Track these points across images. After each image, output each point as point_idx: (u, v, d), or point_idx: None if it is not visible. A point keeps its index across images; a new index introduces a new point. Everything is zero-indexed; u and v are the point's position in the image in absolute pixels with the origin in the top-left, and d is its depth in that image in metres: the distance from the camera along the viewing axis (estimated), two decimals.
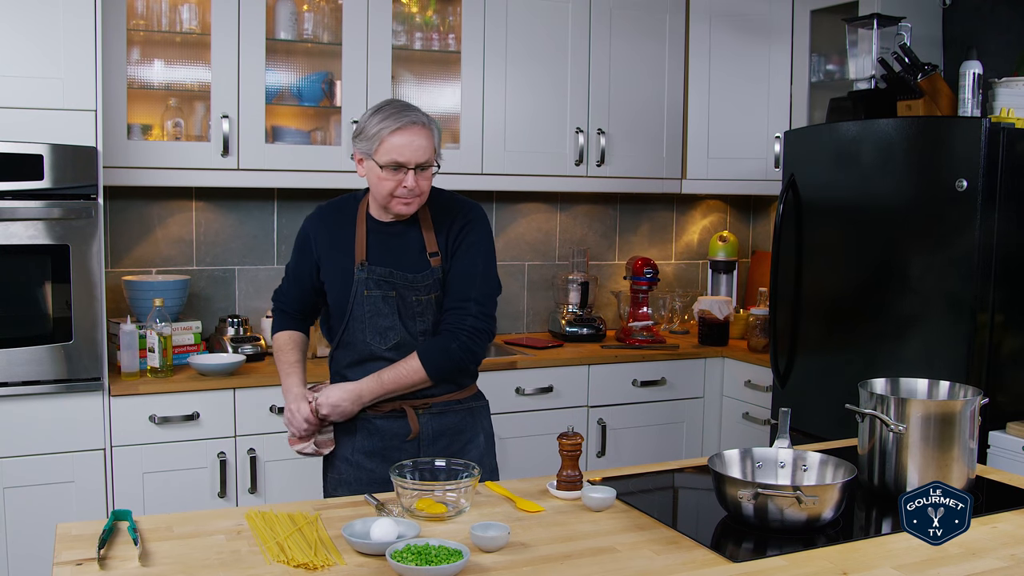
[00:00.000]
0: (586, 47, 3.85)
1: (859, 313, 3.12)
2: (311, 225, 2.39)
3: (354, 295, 2.27)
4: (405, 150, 2.15)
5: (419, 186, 2.19)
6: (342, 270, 2.29)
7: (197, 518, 1.78)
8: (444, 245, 2.29)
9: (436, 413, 2.30)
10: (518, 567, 1.56)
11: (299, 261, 2.41)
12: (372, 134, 2.18)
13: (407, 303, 2.27)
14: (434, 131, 2.23)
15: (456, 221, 2.30)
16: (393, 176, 2.17)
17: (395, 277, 2.26)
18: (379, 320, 2.26)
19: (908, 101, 3.28)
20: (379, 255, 2.28)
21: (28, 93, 2.84)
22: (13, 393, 2.84)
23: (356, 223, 2.32)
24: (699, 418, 3.92)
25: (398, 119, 2.17)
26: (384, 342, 2.27)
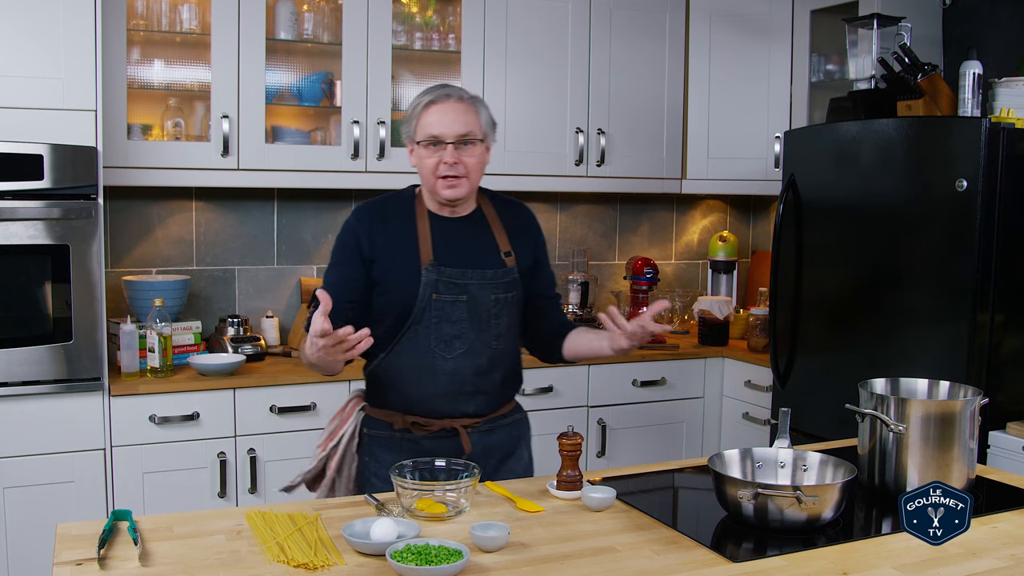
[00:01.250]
0: (586, 47, 3.85)
1: (859, 313, 3.12)
2: (359, 226, 2.17)
3: (421, 299, 2.09)
4: (440, 124, 2.06)
5: (463, 163, 2.07)
6: (406, 272, 2.10)
7: (197, 518, 1.77)
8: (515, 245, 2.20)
9: (485, 431, 2.19)
10: (518, 567, 1.56)
11: (345, 269, 2.15)
12: (410, 114, 2.10)
13: (480, 305, 2.12)
14: (479, 108, 2.12)
15: (519, 219, 2.24)
16: (432, 154, 2.07)
17: (468, 277, 2.11)
18: (446, 327, 2.10)
19: (908, 101, 3.29)
20: (448, 254, 2.12)
21: (28, 93, 2.84)
22: (13, 393, 2.84)
23: (416, 219, 2.15)
24: (699, 418, 3.92)
25: (433, 93, 2.08)
26: (450, 350, 2.11)
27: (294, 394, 3.20)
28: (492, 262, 2.15)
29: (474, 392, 2.16)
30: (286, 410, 3.18)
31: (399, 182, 3.56)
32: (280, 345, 3.61)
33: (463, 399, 2.15)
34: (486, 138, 2.13)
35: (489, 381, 2.17)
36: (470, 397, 2.15)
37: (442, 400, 2.14)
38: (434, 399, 2.14)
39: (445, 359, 2.11)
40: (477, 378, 2.15)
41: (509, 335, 2.19)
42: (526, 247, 2.24)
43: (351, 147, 3.48)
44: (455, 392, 2.14)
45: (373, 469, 2.18)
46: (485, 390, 2.17)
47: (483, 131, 2.12)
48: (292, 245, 3.78)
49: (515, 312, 2.20)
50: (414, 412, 2.15)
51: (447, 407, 2.15)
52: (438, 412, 2.15)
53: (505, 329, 2.17)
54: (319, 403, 3.23)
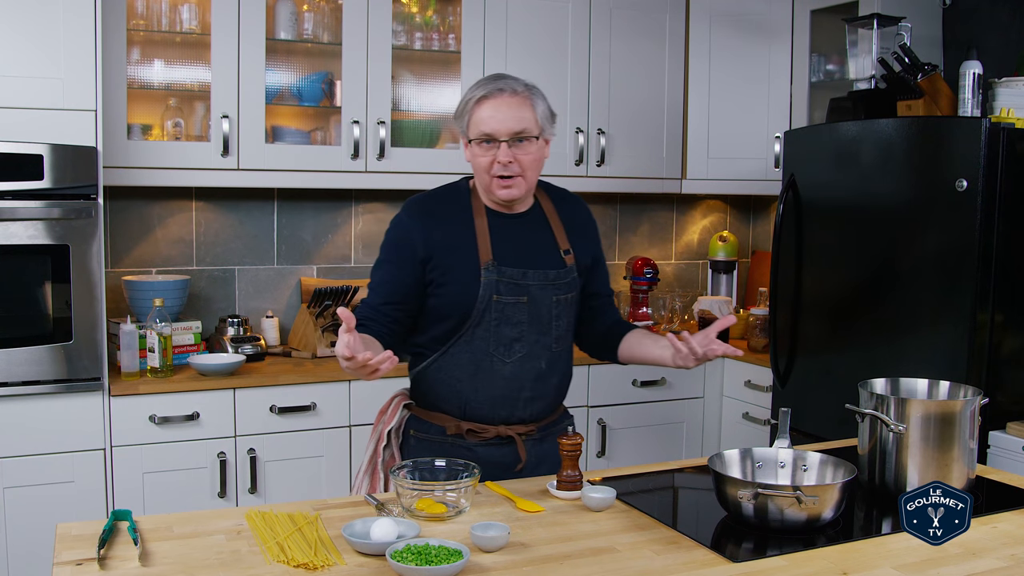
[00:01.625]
0: (586, 47, 3.85)
1: (859, 313, 3.12)
2: (412, 222, 2.04)
3: (481, 300, 2.00)
4: (493, 120, 1.94)
5: (519, 161, 1.97)
6: (464, 272, 2.00)
7: (197, 518, 1.77)
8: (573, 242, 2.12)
9: (538, 439, 2.12)
10: (518, 567, 1.56)
11: (395, 267, 2.03)
12: (462, 109, 1.99)
13: (540, 307, 2.03)
14: (536, 100, 1.99)
15: (577, 215, 2.16)
16: (486, 152, 1.96)
17: (529, 278, 2.02)
18: (506, 330, 2.02)
19: (908, 101, 3.29)
20: (508, 253, 2.02)
21: (28, 93, 2.84)
22: (13, 393, 2.84)
23: (474, 215, 2.04)
24: (699, 418, 3.92)
25: (485, 86, 1.97)
26: (509, 354, 2.03)
27: (294, 394, 3.20)
28: (552, 261, 2.07)
29: (531, 397, 2.08)
30: (286, 410, 3.18)
31: (399, 182, 3.57)
32: (280, 345, 3.61)
33: (520, 404, 2.08)
34: (543, 132, 2.02)
35: (547, 385, 2.10)
36: (528, 402, 2.08)
37: (499, 405, 2.07)
38: (490, 404, 2.06)
39: (504, 363, 2.04)
40: (536, 383, 2.08)
41: (567, 337, 2.12)
42: (585, 244, 2.17)
43: (351, 147, 3.47)
44: (513, 397, 2.07)
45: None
46: (542, 395, 2.10)
47: (539, 126, 2.00)
48: (292, 245, 3.78)
49: (573, 313, 2.13)
50: (468, 417, 2.07)
51: (504, 413, 2.07)
52: (494, 418, 2.07)
53: (564, 331, 2.10)
54: (319, 403, 3.23)
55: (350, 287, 3.55)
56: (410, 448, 2.13)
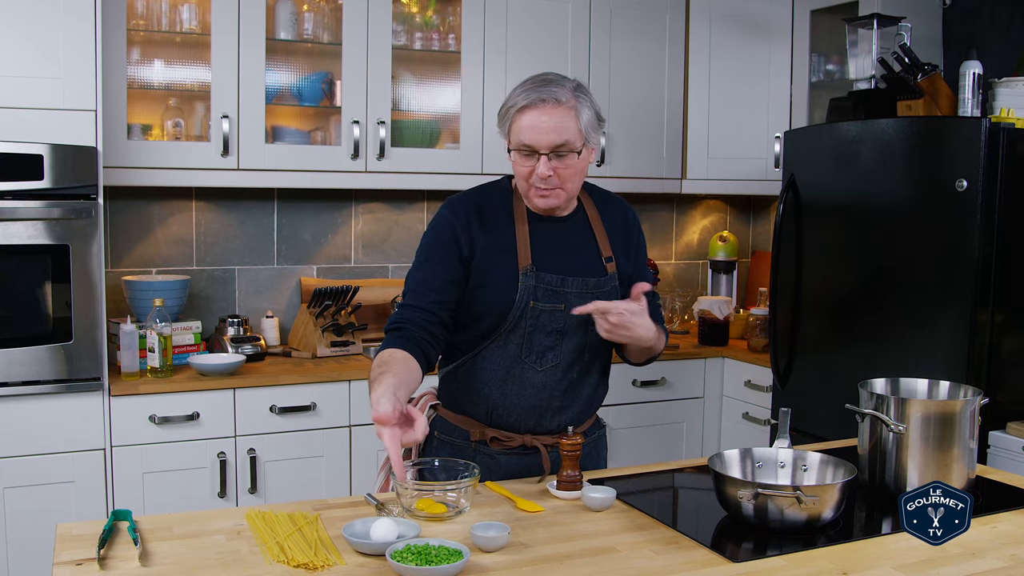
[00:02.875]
0: (586, 47, 3.85)
1: (859, 313, 3.12)
2: (456, 217, 1.97)
3: (518, 306, 1.93)
4: (532, 131, 1.86)
5: (557, 175, 1.89)
6: (503, 275, 1.94)
7: (197, 518, 1.77)
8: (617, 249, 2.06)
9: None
10: (518, 567, 1.56)
11: (440, 266, 1.95)
12: (504, 113, 1.90)
13: (578, 315, 1.93)
14: (581, 107, 1.90)
15: (622, 220, 2.09)
16: (525, 162, 1.89)
17: (568, 286, 1.95)
18: (540, 337, 1.96)
19: (908, 101, 3.29)
20: (547, 258, 1.96)
21: (28, 93, 2.84)
22: (13, 393, 2.84)
23: (515, 218, 1.98)
24: (699, 418, 3.92)
25: (529, 95, 1.87)
26: (541, 362, 1.97)
27: (294, 394, 3.20)
28: (593, 269, 2.01)
29: (561, 407, 2.02)
30: (286, 410, 3.18)
31: (399, 182, 3.57)
32: (280, 345, 3.61)
33: (550, 414, 2.02)
34: (587, 142, 1.92)
35: (578, 396, 2.04)
36: (557, 412, 2.02)
37: (528, 414, 2.01)
38: (519, 412, 2.00)
39: (536, 371, 1.98)
40: (566, 393, 2.02)
41: (604, 347, 2.04)
42: (628, 251, 2.10)
43: (351, 147, 3.47)
44: (542, 406, 2.01)
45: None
46: (573, 405, 2.04)
47: (583, 137, 1.91)
48: (292, 245, 3.78)
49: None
50: (494, 424, 2.02)
51: (531, 422, 2.01)
52: (521, 427, 2.02)
53: (601, 341, 1.98)
54: (319, 403, 3.23)
55: (350, 287, 3.55)
56: (432, 450, 2.08)
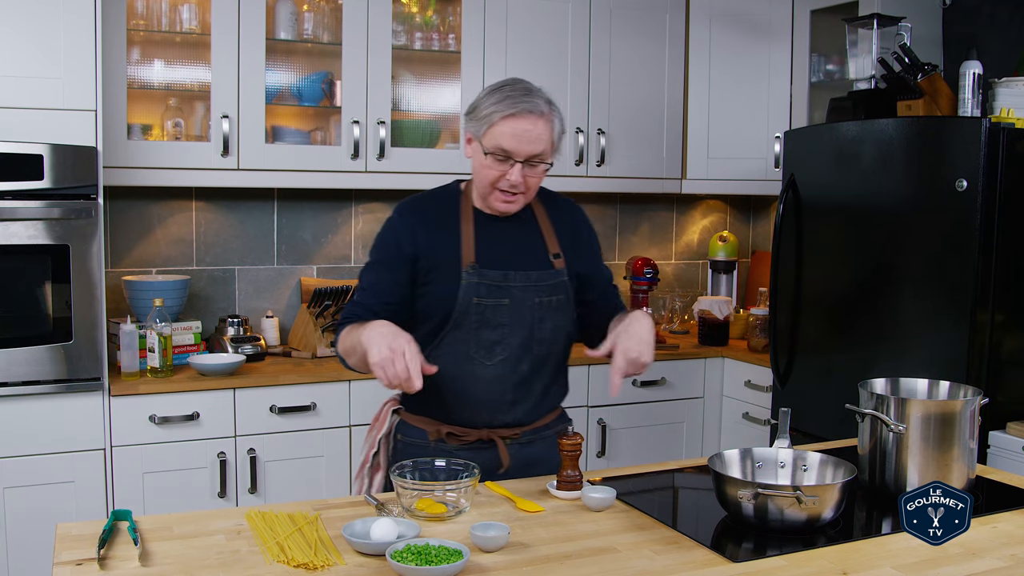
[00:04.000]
0: (586, 47, 3.85)
1: (859, 313, 3.12)
2: (404, 221, 2.05)
3: (461, 303, 1.99)
4: (514, 139, 1.92)
5: (526, 183, 1.96)
6: (447, 274, 2.00)
7: (197, 518, 1.77)
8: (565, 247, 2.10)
9: (525, 443, 2.10)
10: (518, 567, 1.56)
11: (387, 269, 2.04)
12: (484, 115, 1.94)
13: (523, 309, 2.01)
14: (555, 123, 1.98)
15: (568, 219, 2.14)
16: (497, 166, 1.95)
17: (511, 280, 2.01)
18: (487, 332, 2.01)
19: (908, 101, 3.29)
20: (491, 255, 2.02)
21: (28, 93, 2.84)
22: (13, 393, 2.84)
23: (461, 218, 2.04)
24: (699, 418, 3.92)
25: (515, 103, 1.92)
26: (490, 357, 2.02)
27: (294, 394, 3.20)
28: (537, 263, 2.06)
29: (514, 401, 2.06)
30: (286, 410, 3.18)
31: (400, 182, 3.57)
32: (280, 345, 3.61)
33: (503, 408, 2.06)
34: (553, 155, 2.02)
35: (530, 390, 2.08)
36: (510, 407, 2.06)
37: (481, 408, 2.05)
38: (472, 408, 2.05)
39: (485, 366, 2.02)
40: (518, 387, 2.06)
41: (554, 341, 2.08)
42: (578, 249, 2.15)
43: (351, 147, 3.48)
44: (495, 400, 2.05)
45: None
46: (526, 399, 2.08)
47: (554, 148, 2.00)
48: (292, 245, 3.78)
49: (562, 316, 2.08)
50: (451, 421, 2.07)
51: (486, 416, 2.06)
52: (475, 421, 2.06)
53: (549, 334, 2.05)
54: (319, 403, 3.23)
55: (350, 287, 3.55)
56: (397, 452, 2.13)
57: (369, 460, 2.15)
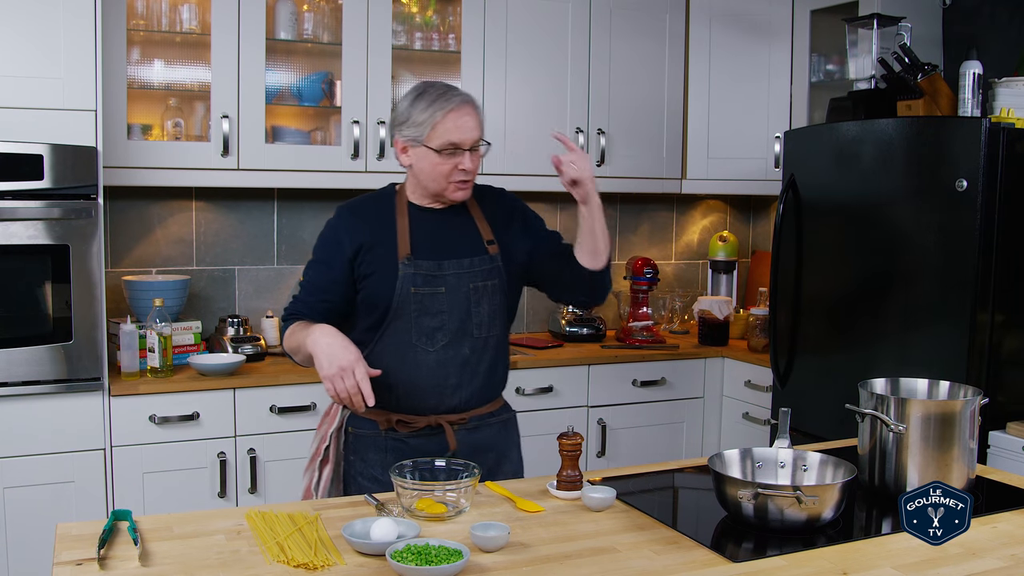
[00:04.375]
0: (586, 47, 3.85)
1: (859, 313, 3.12)
2: (341, 221, 2.19)
3: (399, 293, 2.11)
4: (460, 131, 2.07)
5: (474, 167, 2.12)
6: (384, 267, 2.12)
7: (197, 518, 1.77)
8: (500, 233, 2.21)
9: (471, 429, 2.19)
10: (518, 567, 1.56)
11: (327, 267, 2.16)
12: (422, 119, 2.08)
13: (459, 295, 2.13)
14: (479, 109, 2.15)
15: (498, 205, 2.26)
16: (450, 159, 2.08)
17: (444, 269, 2.13)
18: (426, 320, 2.12)
19: (908, 101, 3.29)
20: (426, 247, 2.14)
21: (28, 93, 2.84)
22: (13, 393, 2.84)
23: (396, 214, 2.17)
24: (699, 418, 3.92)
25: (448, 100, 2.08)
26: (432, 343, 2.12)
27: (294, 394, 3.20)
28: (471, 251, 2.17)
29: (458, 384, 2.16)
30: (286, 410, 3.18)
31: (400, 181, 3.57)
32: (280, 345, 3.60)
33: (448, 392, 2.15)
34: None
35: (473, 373, 2.17)
36: (455, 390, 2.16)
37: (427, 394, 2.14)
38: (418, 393, 2.14)
39: (428, 352, 2.12)
40: (462, 369, 2.15)
41: (492, 325, 2.19)
42: (512, 228, 2.25)
43: (351, 147, 3.48)
44: (439, 384, 2.14)
45: (359, 468, 2.18)
46: (470, 382, 2.17)
47: (483, 133, 2.15)
48: (292, 245, 3.78)
49: (498, 300, 2.19)
50: (399, 409, 2.15)
51: (432, 401, 2.15)
52: (423, 407, 2.15)
53: (487, 318, 2.17)
54: (319, 403, 3.23)
55: None
56: (348, 445, 2.20)
57: (320, 454, 2.21)
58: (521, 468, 2.32)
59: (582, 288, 2.24)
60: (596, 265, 2.19)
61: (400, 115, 2.13)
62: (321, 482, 2.18)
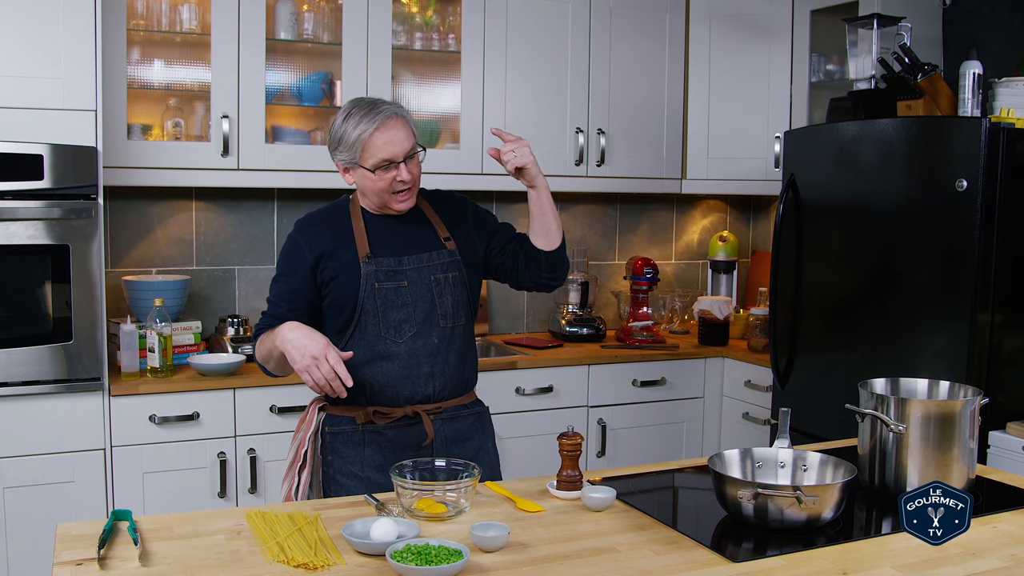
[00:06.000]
0: (586, 47, 3.85)
1: (859, 313, 3.12)
2: (300, 233, 2.27)
3: (363, 290, 2.18)
4: (390, 146, 2.13)
5: (412, 175, 2.17)
6: (347, 266, 2.20)
7: (197, 518, 1.78)
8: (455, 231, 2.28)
9: (447, 419, 2.24)
10: (518, 567, 1.56)
11: (290, 278, 2.24)
12: (352, 141, 2.15)
13: (421, 288, 2.20)
14: (408, 117, 2.21)
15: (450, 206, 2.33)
16: (385, 174, 2.15)
17: (405, 264, 2.20)
18: (392, 313, 2.18)
19: (908, 101, 3.29)
20: (384, 246, 2.22)
21: (28, 93, 2.84)
22: (13, 393, 2.84)
23: (352, 219, 2.25)
24: (699, 418, 3.92)
25: (373, 118, 2.14)
26: (400, 335, 2.18)
27: (294, 394, 3.20)
28: (428, 246, 2.24)
29: (431, 373, 2.21)
30: (286, 410, 3.18)
31: None
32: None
33: (421, 381, 2.20)
34: (420, 142, 2.22)
35: (444, 361, 2.22)
36: (428, 379, 2.21)
37: (401, 383, 2.19)
38: (392, 383, 2.19)
39: (398, 343, 2.18)
40: (432, 358, 2.21)
41: (457, 315, 2.25)
42: (465, 227, 2.31)
43: None
44: (412, 374, 2.19)
45: (337, 467, 2.20)
46: (441, 371, 2.22)
47: (418, 139, 2.20)
48: None
49: (460, 291, 2.26)
50: (376, 402, 2.20)
51: (407, 391, 2.19)
52: (397, 398, 2.19)
53: (451, 308, 2.23)
54: None
55: None
56: (326, 445, 2.23)
57: (300, 459, 2.23)
58: (497, 461, 2.37)
59: (539, 271, 2.30)
60: (551, 245, 2.27)
61: (333, 139, 2.21)
62: (300, 487, 2.21)
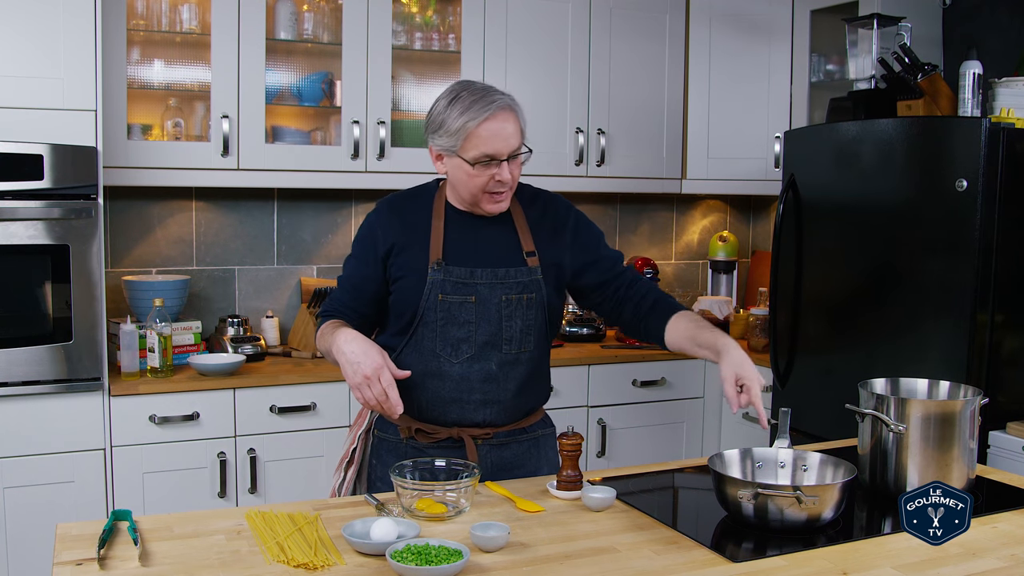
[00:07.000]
0: (586, 47, 3.85)
1: (859, 313, 3.12)
2: (378, 218, 2.07)
3: (426, 299, 1.99)
4: (496, 140, 1.91)
5: (513, 176, 1.97)
6: (415, 268, 2.01)
7: (197, 518, 1.77)
8: (541, 245, 2.07)
9: (497, 444, 2.07)
10: (518, 567, 1.56)
11: (361, 263, 2.06)
12: (456, 128, 1.91)
13: (489, 307, 2.00)
14: (519, 111, 1.98)
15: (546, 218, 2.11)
16: (484, 171, 1.94)
17: (477, 277, 2.00)
18: (452, 330, 2.00)
19: (908, 101, 3.29)
20: (459, 253, 2.01)
21: (28, 93, 2.84)
22: (13, 393, 2.84)
23: (432, 215, 2.04)
24: (699, 418, 3.92)
25: (484, 107, 1.91)
26: (456, 355, 2.01)
27: (294, 394, 3.20)
28: (507, 260, 2.03)
29: (483, 401, 2.04)
30: (286, 410, 3.18)
31: (399, 182, 3.56)
32: (280, 345, 3.61)
33: (471, 408, 2.04)
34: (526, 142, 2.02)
35: (500, 389, 2.05)
36: (479, 406, 2.04)
37: (449, 407, 2.04)
38: (441, 406, 2.04)
39: (452, 363, 2.02)
40: (485, 385, 2.03)
41: (525, 340, 2.05)
42: (558, 244, 2.11)
43: (351, 147, 3.48)
44: (460, 399, 2.04)
45: (379, 473, 2.11)
46: (496, 399, 2.05)
47: (525, 138, 2.00)
48: (292, 245, 3.78)
49: (533, 315, 2.05)
50: (422, 418, 2.07)
51: (455, 415, 2.05)
52: (445, 420, 2.05)
53: (519, 332, 2.03)
54: (319, 403, 3.23)
55: None
56: (373, 448, 2.14)
57: (348, 455, 2.16)
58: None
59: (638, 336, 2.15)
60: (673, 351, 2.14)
61: (434, 121, 1.98)
62: (345, 483, 2.14)
